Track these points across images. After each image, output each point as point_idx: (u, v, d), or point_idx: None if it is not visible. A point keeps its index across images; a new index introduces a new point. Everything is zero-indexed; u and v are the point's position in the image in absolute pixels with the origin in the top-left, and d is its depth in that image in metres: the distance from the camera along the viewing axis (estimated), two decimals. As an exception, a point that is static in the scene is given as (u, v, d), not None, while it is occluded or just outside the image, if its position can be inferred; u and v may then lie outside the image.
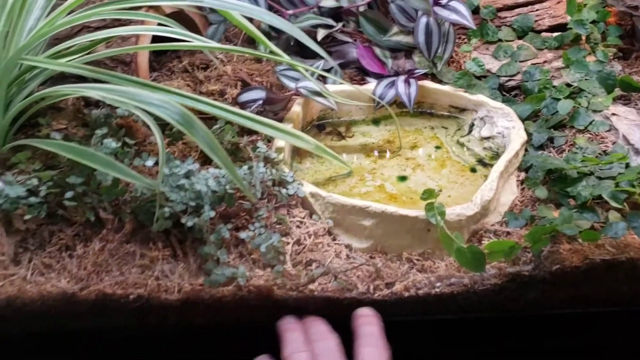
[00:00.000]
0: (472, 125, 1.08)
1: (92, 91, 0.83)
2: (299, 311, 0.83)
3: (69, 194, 0.86)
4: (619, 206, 0.84)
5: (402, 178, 1.02)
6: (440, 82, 1.13)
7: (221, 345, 0.89)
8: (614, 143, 0.97)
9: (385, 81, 1.11)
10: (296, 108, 1.07)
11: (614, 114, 1.01)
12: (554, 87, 1.07)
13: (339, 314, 0.83)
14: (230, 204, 0.88)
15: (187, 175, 0.88)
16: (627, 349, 0.89)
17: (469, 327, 0.85)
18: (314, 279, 0.83)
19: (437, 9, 1.09)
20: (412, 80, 1.10)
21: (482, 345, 0.87)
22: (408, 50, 1.17)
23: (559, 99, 1.03)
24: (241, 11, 0.89)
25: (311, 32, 1.15)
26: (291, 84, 1.08)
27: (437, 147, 1.08)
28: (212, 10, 1.16)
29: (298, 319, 0.81)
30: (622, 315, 0.85)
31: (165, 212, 0.85)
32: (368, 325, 0.76)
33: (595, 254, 0.81)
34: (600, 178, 0.89)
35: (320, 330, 0.78)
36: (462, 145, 1.07)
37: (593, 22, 1.15)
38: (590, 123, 1.01)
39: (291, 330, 0.79)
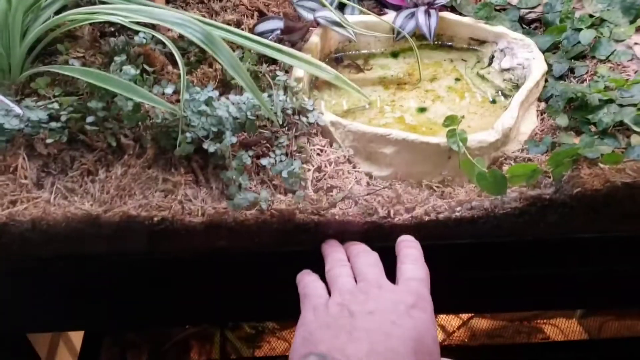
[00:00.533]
0: (492, 57, 1.07)
1: (111, 12, 0.82)
2: (320, 235, 0.84)
3: (90, 119, 0.86)
4: (641, 131, 0.84)
5: (422, 109, 1.02)
6: (460, 13, 1.11)
7: (243, 270, 0.90)
8: (636, 72, 0.96)
9: (405, 12, 1.09)
10: (314, 39, 1.06)
11: (636, 44, 1.00)
12: (575, 18, 1.05)
13: (360, 237, 0.84)
14: (251, 131, 0.88)
15: (208, 102, 0.88)
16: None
17: (488, 252, 0.87)
18: (335, 204, 0.84)
19: (458, -64, 1.06)
20: (432, 11, 1.08)
21: (501, 270, 0.88)
22: (427, -18, 1.15)
23: (580, 29, 1.02)
24: None
25: (328, -38, 1.13)
26: (309, 15, 1.06)
27: (457, 80, 1.07)
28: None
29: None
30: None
31: (187, 137, 0.85)
32: (410, 248, 0.80)
33: (616, 177, 0.81)
34: (621, 105, 0.89)
35: (361, 248, 0.81)
36: (482, 77, 1.06)
37: (617, -49, 1.12)
38: (612, 53, 1.00)
39: (333, 249, 0.81)
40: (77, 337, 1.46)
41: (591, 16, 1.05)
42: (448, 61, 1.10)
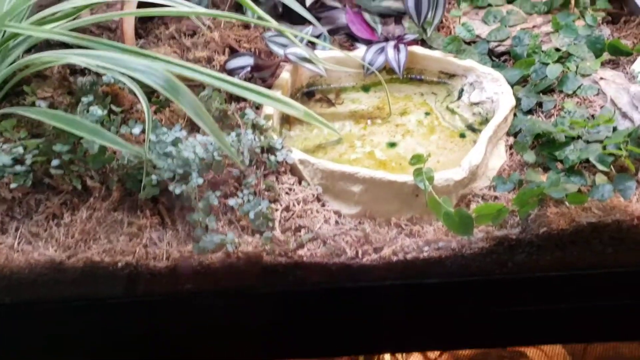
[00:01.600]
0: (461, 91, 1.08)
1: (76, 57, 0.82)
2: (288, 277, 0.84)
3: (55, 162, 0.86)
4: (606, 169, 0.85)
5: (392, 144, 1.02)
6: (429, 47, 1.12)
7: (210, 312, 0.89)
8: (602, 107, 0.97)
9: (375, 47, 1.10)
10: (285, 75, 1.06)
11: (602, 78, 1.01)
12: (543, 51, 1.06)
13: (328, 278, 0.84)
14: (218, 171, 0.88)
15: (175, 142, 0.88)
16: (612, 311, 0.90)
17: (456, 291, 0.86)
18: (303, 245, 0.84)
19: (426, -28, 1.08)
20: (401, 46, 1.09)
21: (470, 309, 0.88)
22: (398, 16, 1.16)
23: (547, 64, 1.03)
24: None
25: (299, -2, 1.14)
26: (280, 51, 1.07)
27: (427, 114, 1.07)
28: (198, -25, 1.14)
29: None
30: (607, 278, 0.86)
31: (152, 180, 0.84)
32: None
33: (581, 217, 0.81)
34: (587, 142, 0.90)
35: None
36: (451, 111, 1.07)
37: (583, -15, 1.14)
38: (579, 87, 1.01)
39: None
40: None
41: (558, 50, 1.06)
42: (418, 94, 1.11)
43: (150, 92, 0.90)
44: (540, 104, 1.01)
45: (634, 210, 0.82)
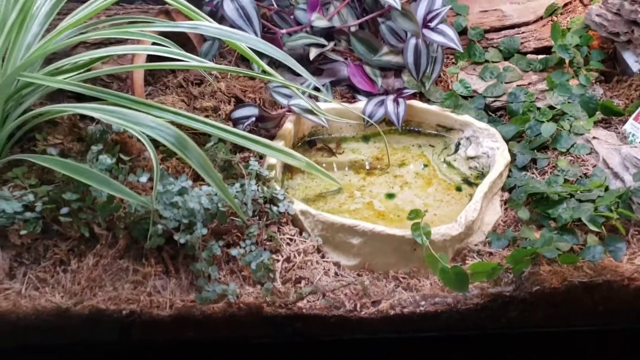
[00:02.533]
0: (458, 145, 1.11)
1: (90, 111, 0.85)
2: (287, 328, 0.86)
3: (64, 210, 0.88)
4: (597, 230, 0.87)
5: (390, 195, 1.05)
6: (428, 101, 1.16)
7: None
8: (594, 166, 1.00)
9: (375, 100, 1.14)
10: (288, 125, 1.10)
11: (594, 138, 1.05)
12: (538, 109, 1.10)
13: (327, 330, 0.86)
14: (222, 221, 0.91)
15: (181, 192, 0.91)
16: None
17: (452, 345, 0.88)
18: (303, 297, 0.86)
19: (425, 31, 1.12)
20: (400, 100, 1.12)
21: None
22: (397, 70, 1.20)
23: (542, 122, 1.07)
24: (237, 39, 0.91)
25: (304, 50, 1.18)
26: (284, 101, 1.11)
27: (425, 165, 1.11)
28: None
29: None
30: (598, 335, 0.89)
31: (158, 229, 0.87)
32: None
33: (574, 276, 0.84)
34: (580, 201, 0.93)
35: None
36: (448, 164, 1.10)
37: (576, 46, 1.18)
38: (572, 146, 1.04)
39: None
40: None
41: (552, 108, 1.10)
42: (416, 146, 1.14)
43: (157, 141, 0.93)
44: (534, 161, 1.04)
45: (624, 271, 0.84)
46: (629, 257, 0.87)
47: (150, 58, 1.04)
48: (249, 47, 0.97)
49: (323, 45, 1.18)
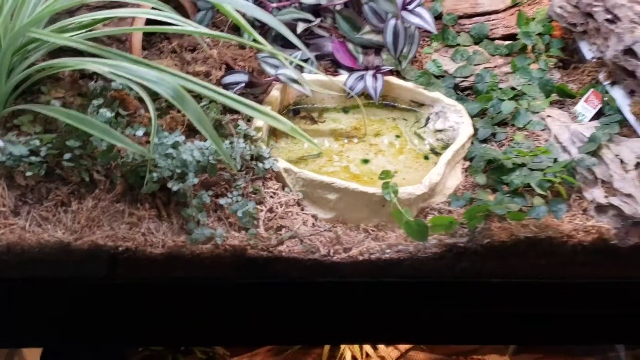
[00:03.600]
0: (428, 119, 1.22)
1: (97, 65, 0.94)
2: (268, 269, 0.96)
3: (67, 156, 0.97)
4: (544, 193, 0.99)
5: (365, 161, 1.16)
6: (403, 78, 1.27)
7: (197, 298, 1.01)
8: (546, 141, 1.12)
9: (356, 74, 1.24)
10: (275, 93, 1.19)
11: (549, 116, 1.17)
12: (500, 89, 1.21)
13: (303, 272, 0.96)
14: (212, 174, 1.00)
15: (174, 145, 1.00)
16: (544, 317, 1.05)
17: (411, 290, 1.00)
18: (283, 242, 0.96)
19: (404, 13, 1.22)
20: (379, 76, 1.23)
21: (422, 307, 1.01)
22: (378, 48, 1.30)
23: (503, 100, 1.18)
24: (232, 4, 1.00)
25: (292, 25, 1.27)
26: (271, 71, 1.20)
27: (397, 136, 1.21)
28: (201, -3, 1.27)
29: None
30: (541, 287, 1.01)
31: (153, 177, 0.96)
32: None
33: (520, 232, 0.95)
34: (531, 169, 1.04)
35: None
36: (418, 135, 1.21)
37: (539, 34, 1.30)
38: (529, 122, 1.16)
39: None
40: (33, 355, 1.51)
41: (513, 89, 1.22)
42: (391, 119, 1.25)
43: (152, 100, 1.02)
44: (494, 134, 1.16)
45: (564, 229, 0.96)
46: (569, 218, 0.99)
47: (148, 22, 1.13)
48: (241, 15, 1.05)
49: (310, 21, 1.28)
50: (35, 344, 1.16)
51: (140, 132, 1.03)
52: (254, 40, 1.09)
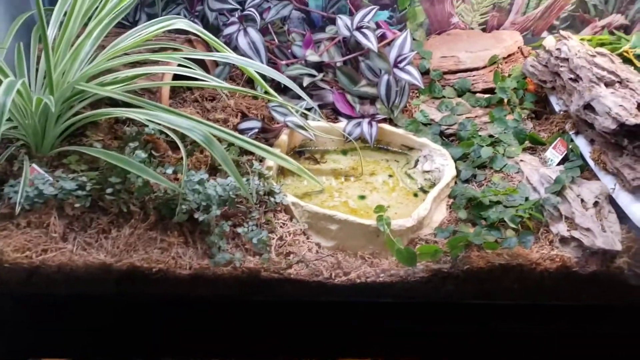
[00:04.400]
0: (417, 161, 1.40)
1: (136, 114, 1.11)
2: (278, 289, 1.11)
3: (108, 190, 1.13)
4: (515, 227, 1.16)
5: (362, 197, 1.33)
6: (395, 125, 1.45)
7: (218, 313, 1.15)
8: (519, 182, 1.30)
9: (354, 121, 1.42)
10: (284, 137, 1.37)
11: (522, 160, 1.34)
12: (480, 136, 1.39)
13: (308, 293, 1.12)
14: (231, 206, 1.16)
15: (200, 182, 1.16)
16: (519, 335, 1.20)
17: (402, 310, 1.15)
18: (291, 266, 1.12)
19: (395, 70, 1.41)
20: (373, 123, 1.41)
21: (411, 325, 1.16)
22: (373, 99, 1.49)
23: (483, 146, 1.36)
24: (249, 66, 1.18)
25: (298, 79, 1.46)
26: (280, 118, 1.38)
27: (390, 176, 1.39)
28: (220, 54, 1.46)
29: None
30: (514, 308, 1.16)
31: (183, 209, 1.12)
32: None
33: (495, 260, 1.12)
34: (506, 206, 1.21)
35: None
36: (409, 175, 1.38)
37: (514, 88, 1.49)
38: (505, 166, 1.34)
39: None
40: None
41: (491, 136, 1.40)
42: (384, 161, 1.43)
43: (177, 147, 1.18)
44: (475, 176, 1.33)
45: (533, 257, 1.13)
46: (537, 248, 1.15)
47: (175, 77, 1.31)
48: (257, 72, 1.24)
49: (314, 76, 1.47)
50: (76, 355, 1.28)
51: (169, 171, 1.20)
52: (266, 93, 1.27)
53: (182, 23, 1.18)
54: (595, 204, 1.19)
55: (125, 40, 1.25)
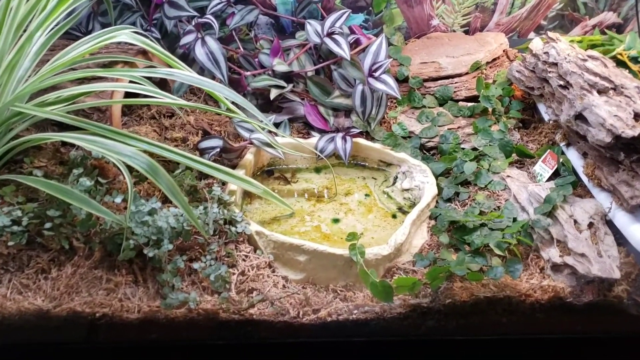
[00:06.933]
0: (395, 178, 1.28)
1: (74, 140, 0.99)
2: (239, 332, 1.00)
3: (47, 225, 1.01)
4: (502, 253, 1.05)
5: (336, 220, 1.21)
6: (372, 139, 1.33)
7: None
8: (506, 200, 1.18)
9: (326, 137, 1.30)
10: (249, 156, 1.25)
11: (509, 176, 1.23)
12: (463, 149, 1.28)
13: (273, 334, 1.00)
14: (186, 239, 1.05)
15: (151, 212, 1.05)
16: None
17: (378, 349, 1.03)
18: (254, 305, 1.00)
19: (370, 80, 1.30)
20: (348, 138, 1.29)
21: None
22: (348, 110, 1.37)
23: (466, 161, 1.25)
24: (206, 87, 1.06)
25: (265, 91, 1.34)
26: (246, 134, 1.26)
27: (367, 195, 1.27)
28: (180, 66, 1.34)
29: None
30: (503, 343, 1.05)
31: (130, 244, 1.00)
32: None
33: (480, 292, 1.00)
34: (491, 229, 1.10)
35: None
36: (387, 194, 1.27)
37: (500, 96, 1.38)
38: (490, 182, 1.22)
39: None
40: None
41: (475, 149, 1.29)
42: (361, 178, 1.31)
43: (131, 166, 1.07)
44: (457, 194, 1.22)
45: (522, 288, 1.01)
46: (527, 277, 1.04)
47: (127, 92, 1.19)
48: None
49: (283, 87, 1.35)
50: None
51: (119, 199, 1.08)
52: (228, 110, 1.16)
53: (125, 36, 1.06)
54: (590, 225, 1.07)
55: (66, 55, 1.13)
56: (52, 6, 1.11)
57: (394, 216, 1.22)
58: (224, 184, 1.18)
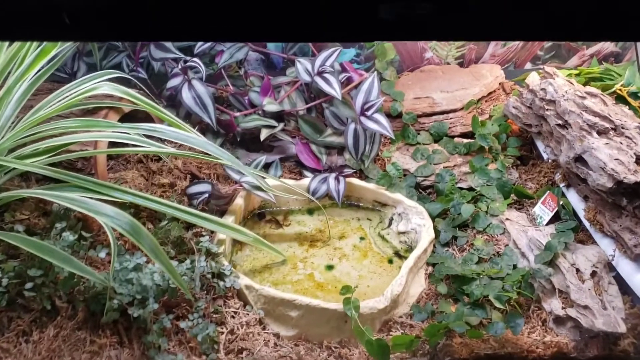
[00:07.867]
0: (391, 219, 1.24)
1: (54, 198, 0.95)
2: (229, 394, 0.95)
3: (28, 285, 0.97)
4: (502, 307, 1.00)
5: (330, 267, 1.17)
6: (366, 178, 1.29)
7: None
8: (506, 245, 1.14)
9: (319, 177, 1.26)
10: (239, 200, 1.21)
11: (507, 219, 1.19)
12: (460, 189, 1.24)
13: (264, 397, 0.96)
14: (172, 296, 1.00)
15: (135, 268, 1.00)
16: None
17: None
18: (243, 367, 0.96)
19: (362, 119, 1.26)
20: (341, 178, 1.25)
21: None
22: (341, 148, 1.34)
23: (463, 203, 1.21)
24: (178, 139, 1.02)
25: (256, 130, 1.30)
26: (236, 177, 1.22)
27: (362, 238, 1.23)
28: (168, 106, 1.30)
29: None
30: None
31: (114, 304, 0.96)
32: None
33: (480, 348, 0.96)
34: (491, 277, 1.06)
35: None
36: (382, 237, 1.23)
37: (497, 133, 1.34)
38: (488, 225, 1.18)
39: None
40: None
41: (472, 189, 1.24)
42: (356, 219, 1.27)
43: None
44: (455, 238, 1.17)
45: (524, 344, 0.97)
46: (529, 330, 1.00)
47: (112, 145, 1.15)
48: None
49: (273, 127, 1.31)
50: None
51: (103, 254, 1.04)
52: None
53: (107, 87, 1.03)
54: (593, 274, 1.03)
55: (47, 105, 1.09)
56: (31, 60, 1.08)
57: (390, 261, 1.18)
58: (212, 232, 1.14)
